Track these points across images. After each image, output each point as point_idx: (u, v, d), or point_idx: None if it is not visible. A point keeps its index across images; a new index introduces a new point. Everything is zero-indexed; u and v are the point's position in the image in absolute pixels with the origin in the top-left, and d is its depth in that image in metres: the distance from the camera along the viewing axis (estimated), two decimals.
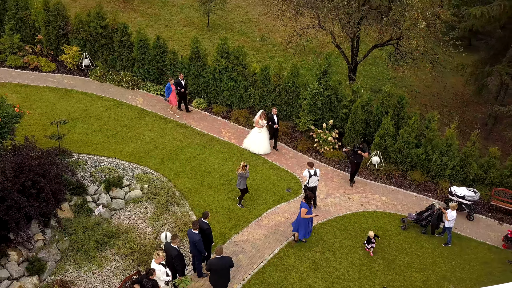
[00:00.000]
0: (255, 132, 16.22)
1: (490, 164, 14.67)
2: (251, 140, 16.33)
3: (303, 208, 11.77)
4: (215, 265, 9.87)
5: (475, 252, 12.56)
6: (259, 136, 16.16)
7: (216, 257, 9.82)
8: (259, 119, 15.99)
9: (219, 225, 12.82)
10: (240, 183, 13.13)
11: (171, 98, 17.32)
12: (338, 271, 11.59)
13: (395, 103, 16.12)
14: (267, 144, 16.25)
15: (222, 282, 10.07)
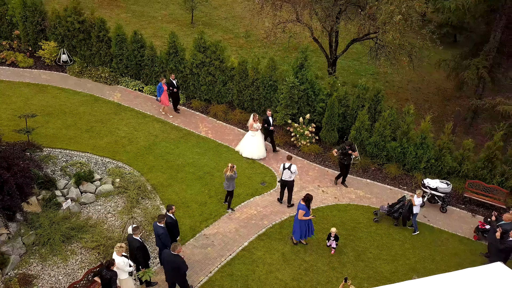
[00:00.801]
0: (248, 136, 15.60)
1: (464, 156, 14.65)
2: (244, 145, 15.72)
3: (301, 210, 11.45)
4: (165, 258, 9.58)
5: (445, 243, 12.53)
6: (253, 140, 15.51)
7: (171, 252, 9.47)
8: (253, 122, 15.31)
9: (190, 219, 12.74)
10: (229, 185, 12.68)
11: (163, 98, 16.92)
12: (306, 263, 11.52)
13: (372, 97, 16.08)
14: (261, 148, 15.62)
15: (170, 278, 9.77)
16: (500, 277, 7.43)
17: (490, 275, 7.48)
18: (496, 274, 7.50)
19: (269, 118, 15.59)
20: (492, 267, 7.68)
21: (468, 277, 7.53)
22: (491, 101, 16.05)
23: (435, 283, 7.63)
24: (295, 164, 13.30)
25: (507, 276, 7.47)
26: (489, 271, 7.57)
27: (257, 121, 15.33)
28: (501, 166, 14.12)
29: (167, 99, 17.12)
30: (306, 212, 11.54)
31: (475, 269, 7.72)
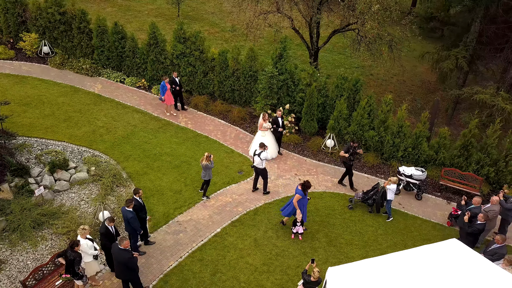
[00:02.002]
0: (258, 136, 15.07)
1: (440, 144, 14.70)
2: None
3: (298, 194, 11.35)
4: (113, 253, 9.29)
5: (418, 229, 12.56)
6: (264, 141, 14.73)
7: (118, 246, 9.13)
8: (263, 122, 14.83)
9: (163, 206, 12.73)
10: (205, 174, 12.65)
11: (166, 97, 16.61)
12: (278, 248, 11.53)
13: (350, 86, 16.11)
14: (272, 147, 15.15)
15: (120, 274, 9.45)
16: (454, 252, 7.49)
17: (445, 251, 7.52)
18: (451, 249, 7.56)
19: (279, 119, 15.02)
20: (447, 243, 7.73)
21: (424, 253, 7.57)
22: (469, 90, 16.09)
23: (392, 260, 7.66)
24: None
25: (460, 250, 7.53)
26: (444, 246, 7.61)
27: (266, 121, 14.82)
28: (477, 154, 14.15)
29: (171, 97, 16.76)
30: (303, 198, 11.41)
31: (431, 245, 7.75)
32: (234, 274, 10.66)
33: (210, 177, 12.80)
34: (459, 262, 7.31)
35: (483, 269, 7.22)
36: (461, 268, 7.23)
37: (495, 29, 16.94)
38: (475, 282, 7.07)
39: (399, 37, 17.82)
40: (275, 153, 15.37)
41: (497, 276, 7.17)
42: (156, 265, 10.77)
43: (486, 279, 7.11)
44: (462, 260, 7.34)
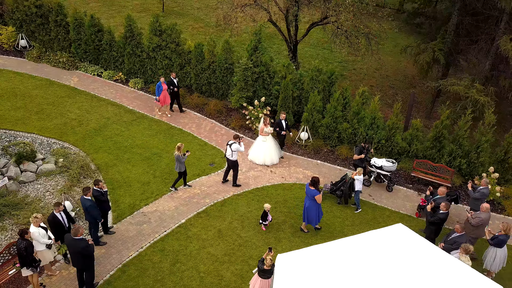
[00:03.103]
0: (259, 141, 14.51)
1: (413, 136, 14.59)
2: (255, 152, 14.61)
3: (316, 195, 10.95)
4: (66, 243, 9.17)
5: (386, 220, 12.45)
6: (264, 146, 14.41)
7: (71, 236, 8.97)
8: (263, 127, 14.25)
9: (130, 197, 12.62)
10: (176, 166, 12.53)
11: (162, 97, 16.12)
12: (242, 239, 11.42)
13: (325, 79, 16.00)
14: (274, 153, 14.56)
15: (76, 263, 9.32)
16: (400, 236, 7.43)
17: (392, 235, 7.46)
18: (397, 233, 7.49)
19: (282, 121, 14.49)
20: (393, 228, 7.66)
21: (370, 238, 7.50)
22: (444, 83, 15.99)
23: (339, 245, 7.57)
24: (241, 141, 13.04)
25: (406, 234, 7.47)
26: (390, 231, 7.54)
27: (268, 125, 14.23)
28: (449, 145, 14.06)
29: (166, 98, 16.28)
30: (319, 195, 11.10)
31: (378, 230, 7.68)
32: (194, 264, 10.56)
33: (180, 169, 12.67)
34: (403, 245, 7.26)
35: (427, 253, 7.17)
36: (405, 251, 7.18)
37: (471, 21, 16.83)
38: (419, 265, 7.01)
39: (376, 29, 17.73)
40: (276, 159, 14.65)
41: (440, 259, 7.10)
42: (115, 256, 10.67)
43: (429, 262, 7.06)
44: (407, 244, 7.29)
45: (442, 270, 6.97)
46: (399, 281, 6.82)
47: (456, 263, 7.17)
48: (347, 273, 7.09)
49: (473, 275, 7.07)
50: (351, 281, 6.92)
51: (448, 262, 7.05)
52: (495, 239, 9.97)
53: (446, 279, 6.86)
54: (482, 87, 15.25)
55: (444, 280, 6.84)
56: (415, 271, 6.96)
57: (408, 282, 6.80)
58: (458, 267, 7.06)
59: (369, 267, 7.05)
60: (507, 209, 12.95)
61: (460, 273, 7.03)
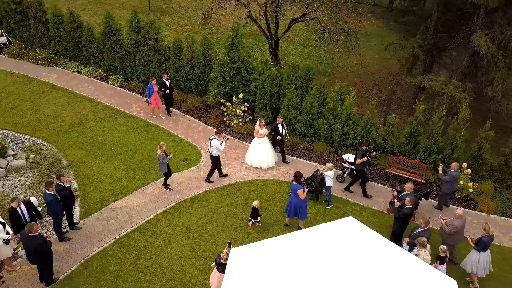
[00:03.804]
0: (254, 143, 14.08)
1: (388, 132, 14.51)
2: (251, 155, 14.17)
3: (299, 190, 10.88)
4: (22, 240, 9.09)
5: (357, 216, 12.33)
6: (260, 148, 14.01)
7: (26, 234, 8.87)
8: (259, 128, 13.81)
9: (100, 193, 12.54)
10: (159, 167, 12.42)
11: (152, 99, 15.75)
12: (209, 235, 11.34)
13: (303, 75, 15.91)
14: (270, 156, 14.13)
15: (32, 261, 9.23)
16: (349, 229, 7.38)
17: (342, 228, 7.40)
18: (347, 226, 7.43)
19: (279, 125, 14.01)
20: (343, 221, 7.61)
21: (322, 230, 7.44)
22: (422, 79, 15.90)
23: (292, 238, 7.50)
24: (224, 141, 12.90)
25: (355, 227, 7.43)
26: (341, 224, 7.48)
27: (263, 127, 13.80)
28: (424, 141, 13.98)
29: (157, 100, 15.93)
30: (303, 189, 10.99)
31: (329, 223, 7.62)
32: (158, 259, 10.47)
33: (165, 170, 12.43)
34: (352, 238, 7.23)
35: (375, 244, 7.13)
36: (353, 243, 7.15)
37: (450, 17, 16.75)
38: (366, 256, 6.99)
39: (356, 26, 17.64)
40: (272, 162, 14.22)
41: (388, 250, 7.05)
42: (79, 251, 10.59)
43: (376, 253, 7.02)
44: (355, 236, 7.25)
45: (389, 261, 6.92)
46: (346, 272, 6.75)
47: (404, 255, 7.10)
48: (296, 265, 7.02)
49: (421, 266, 7.01)
50: (299, 273, 6.85)
51: (395, 254, 6.99)
52: (480, 243, 9.82)
53: (392, 269, 6.80)
54: (459, 83, 15.16)
55: (390, 271, 6.77)
56: (363, 262, 6.90)
57: (355, 273, 6.73)
58: (405, 259, 7.00)
59: (318, 259, 6.99)
60: (480, 205, 12.86)
61: (408, 264, 6.96)
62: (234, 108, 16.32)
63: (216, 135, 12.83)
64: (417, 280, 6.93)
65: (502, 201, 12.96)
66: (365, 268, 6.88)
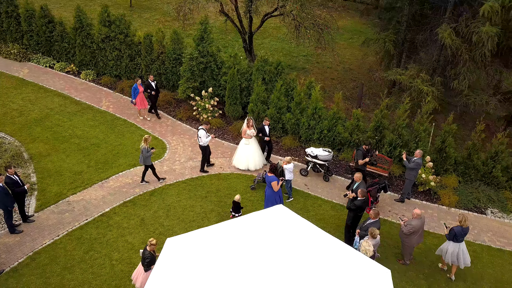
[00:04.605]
0: (242, 145, 13.72)
1: (354, 126, 14.42)
2: (238, 156, 13.78)
3: (273, 181, 10.68)
4: None
5: (316, 209, 12.27)
6: (247, 149, 13.63)
7: None
8: (246, 129, 13.44)
9: (58, 186, 12.44)
10: (141, 159, 12.37)
11: (138, 100, 15.46)
12: (163, 228, 11.25)
13: (272, 69, 15.82)
14: (258, 157, 13.73)
15: None
16: (280, 217, 7.33)
17: (272, 216, 7.34)
18: (277, 214, 7.37)
19: (265, 127, 13.66)
20: (274, 209, 7.56)
21: (254, 219, 7.38)
22: (391, 73, 15.81)
23: (225, 227, 7.42)
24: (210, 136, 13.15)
25: (285, 215, 7.38)
26: (271, 212, 7.43)
27: (251, 127, 13.42)
28: (389, 135, 13.88)
29: (143, 101, 15.66)
30: (278, 181, 10.85)
31: (260, 212, 7.55)
32: (108, 252, 10.38)
33: (146, 162, 12.39)
34: (282, 225, 7.17)
35: (306, 233, 7.07)
36: (283, 230, 7.11)
37: (421, 11, 16.66)
38: (296, 244, 6.94)
39: (327, 20, 17.54)
40: (259, 164, 13.81)
41: (317, 238, 6.98)
42: (29, 244, 10.49)
43: (307, 241, 6.98)
44: (285, 223, 7.21)
45: (319, 249, 6.85)
46: (274, 260, 6.67)
47: (336, 244, 7.02)
48: (225, 253, 6.96)
49: (353, 255, 6.93)
50: (227, 262, 6.77)
51: (326, 242, 6.91)
52: (450, 232, 9.72)
53: (321, 257, 6.72)
54: (428, 77, 15.07)
55: (320, 259, 6.70)
56: (291, 250, 6.84)
57: (283, 260, 6.65)
58: (337, 248, 6.92)
59: (247, 247, 6.94)
60: (442, 198, 12.76)
61: (339, 253, 6.90)
62: (203, 102, 16.23)
63: (203, 125, 13.06)
64: (347, 268, 6.85)
65: (465, 194, 12.87)
66: (293, 256, 6.80)
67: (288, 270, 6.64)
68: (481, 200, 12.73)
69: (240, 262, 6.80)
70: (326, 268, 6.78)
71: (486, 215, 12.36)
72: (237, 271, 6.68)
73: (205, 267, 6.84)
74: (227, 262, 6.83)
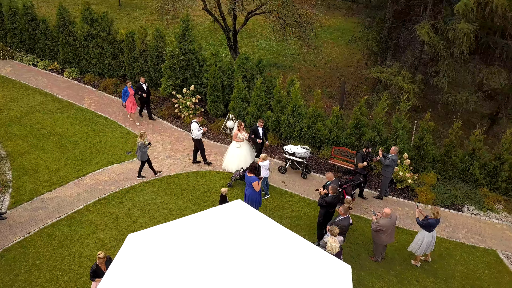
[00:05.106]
0: (233, 147, 13.37)
1: (333, 123, 14.38)
2: (229, 159, 13.46)
3: (254, 182, 10.56)
4: None
5: (292, 206, 12.23)
6: (238, 153, 13.28)
7: None
8: (237, 132, 13.08)
9: (34, 184, 12.40)
10: (138, 154, 12.45)
11: (128, 103, 15.22)
12: (136, 225, 11.21)
13: (253, 67, 15.78)
14: (249, 161, 13.28)
15: None
16: (238, 211, 7.32)
17: (231, 211, 7.32)
18: (236, 209, 7.35)
19: (259, 129, 13.23)
20: (233, 204, 7.53)
21: (213, 214, 7.35)
22: (372, 70, 15.78)
23: (185, 222, 7.39)
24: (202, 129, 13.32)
25: (243, 210, 7.36)
26: (230, 207, 7.39)
27: (242, 130, 13.07)
28: (369, 132, 13.84)
29: (133, 105, 15.38)
30: (258, 181, 10.73)
31: (218, 207, 7.54)
32: (78, 249, 10.34)
33: (143, 158, 12.54)
34: (239, 220, 7.16)
35: (264, 227, 7.06)
36: (241, 226, 7.07)
37: (404, 8, 16.63)
38: (255, 239, 6.92)
39: (310, 17, 17.49)
40: None
41: (277, 233, 6.96)
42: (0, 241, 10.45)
43: (266, 236, 6.95)
44: (243, 218, 7.20)
45: (276, 244, 6.82)
46: (233, 255, 6.63)
47: (294, 238, 6.99)
48: (184, 248, 6.93)
49: (312, 251, 6.89)
50: (186, 257, 6.74)
51: (284, 237, 6.89)
52: (424, 221, 9.75)
53: (278, 251, 6.70)
54: (408, 74, 15.03)
55: (277, 253, 6.67)
56: (250, 246, 6.79)
57: (240, 255, 6.61)
58: (294, 242, 6.89)
59: (206, 242, 6.92)
60: (419, 195, 12.73)
61: (298, 249, 6.86)
62: (184, 100, 16.19)
63: (196, 118, 13.18)
64: (305, 264, 6.81)
65: (442, 191, 12.84)
66: (251, 251, 6.76)
67: (245, 266, 6.61)
68: (458, 197, 12.70)
69: (196, 258, 6.76)
70: (283, 264, 6.74)
71: (462, 212, 12.33)
72: (192, 267, 6.64)
73: (161, 263, 6.80)
74: (183, 257, 6.80)
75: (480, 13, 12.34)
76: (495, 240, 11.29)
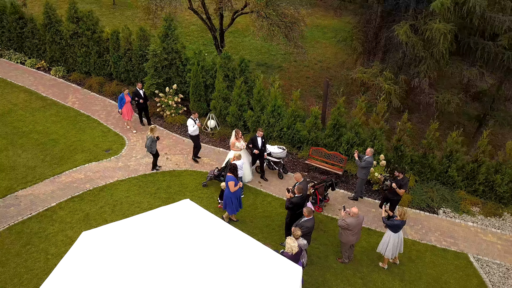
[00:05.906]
0: (231, 156, 12.91)
1: (312, 124, 14.29)
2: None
3: (230, 181, 10.52)
4: None
5: (265, 206, 12.17)
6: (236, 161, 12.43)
7: None
8: (235, 141, 12.64)
9: (9, 181, 12.49)
10: (148, 147, 12.62)
11: (124, 110, 14.97)
12: (106, 223, 11.13)
13: (235, 66, 15.75)
14: (246, 171, 12.82)
15: None
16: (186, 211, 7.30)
17: (179, 210, 7.31)
18: (184, 208, 7.34)
19: (258, 138, 12.64)
20: (181, 203, 7.53)
21: (162, 212, 7.36)
22: (357, 70, 15.66)
23: (136, 221, 7.39)
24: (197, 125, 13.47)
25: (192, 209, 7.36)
26: (178, 206, 7.39)
27: (240, 139, 12.65)
28: (347, 133, 13.74)
29: (129, 112, 15.09)
30: (235, 182, 10.67)
31: (166, 206, 7.54)
32: (45, 246, 10.38)
33: (152, 151, 12.82)
34: (188, 219, 7.16)
35: (214, 227, 7.05)
36: (188, 224, 7.10)
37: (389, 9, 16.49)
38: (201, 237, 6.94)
39: (295, 17, 17.41)
40: (249, 177, 13.08)
41: (226, 233, 6.94)
42: None
43: (214, 235, 6.95)
44: (191, 217, 7.20)
45: (225, 244, 6.80)
46: (177, 255, 6.61)
47: (243, 238, 6.95)
48: (134, 247, 6.92)
49: (260, 251, 6.84)
50: (130, 257, 6.73)
51: (234, 237, 6.86)
52: (390, 221, 9.67)
53: (227, 251, 6.67)
54: (391, 75, 14.90)
55: (225, 253, 6.65)
56: (196, 245, 6.79)
57: (187, 255, 6.60)
58: (243, 242, 6.85)
59: (152, 242, 6.90)
60: None
61: (246, 249, 6.82)
62: (167, 99, 16.20)
63: (192, 115, 13.35)
64: (253, 264, 6.76)
65: (419, 193, 12.70)
66: (199, 251, 6.74)
67: (189, 266, 6.58)
68: (434, 199, 12.55)
69: (142, 257, 6.75)
70: (231, 264, 6.70)
71: (437, 215, 12.18)
72: (137, 266, 6.63)
73: (107, 262, 6.81)
74: (129, 257, 6.79)
75: (458, 13, 12.18)
76: (467, 243, 11.14)
